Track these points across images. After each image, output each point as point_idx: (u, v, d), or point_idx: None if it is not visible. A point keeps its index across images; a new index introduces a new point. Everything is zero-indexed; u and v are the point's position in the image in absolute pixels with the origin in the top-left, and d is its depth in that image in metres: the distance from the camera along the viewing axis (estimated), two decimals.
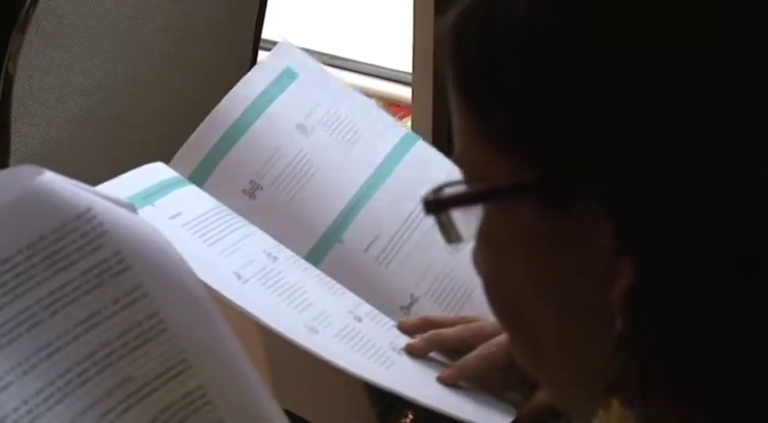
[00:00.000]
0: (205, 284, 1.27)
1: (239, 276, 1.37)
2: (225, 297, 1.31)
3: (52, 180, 1.14)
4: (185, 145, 1.50)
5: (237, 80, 1.56)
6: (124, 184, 1.39)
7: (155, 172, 1.44)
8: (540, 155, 0.80)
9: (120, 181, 1.40)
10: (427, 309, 1.49)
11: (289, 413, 1.35)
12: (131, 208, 1.19)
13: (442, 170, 1.50)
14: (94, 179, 1.27)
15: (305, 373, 1.46)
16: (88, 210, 1.15)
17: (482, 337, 1.44)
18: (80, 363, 1.12)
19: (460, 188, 0.85)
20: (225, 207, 1.47)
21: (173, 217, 1.40)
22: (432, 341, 1.45)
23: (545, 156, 0.79)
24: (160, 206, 1.40)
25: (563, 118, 0.78)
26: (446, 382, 1.42)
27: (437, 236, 0.87)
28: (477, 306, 1.49)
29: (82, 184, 1.16)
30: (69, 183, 1.15)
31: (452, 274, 1.51)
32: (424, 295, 1.50)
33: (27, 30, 1.98)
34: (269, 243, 1.46)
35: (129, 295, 1.15)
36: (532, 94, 0.79)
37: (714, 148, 0.75)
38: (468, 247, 0.88)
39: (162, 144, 1.45)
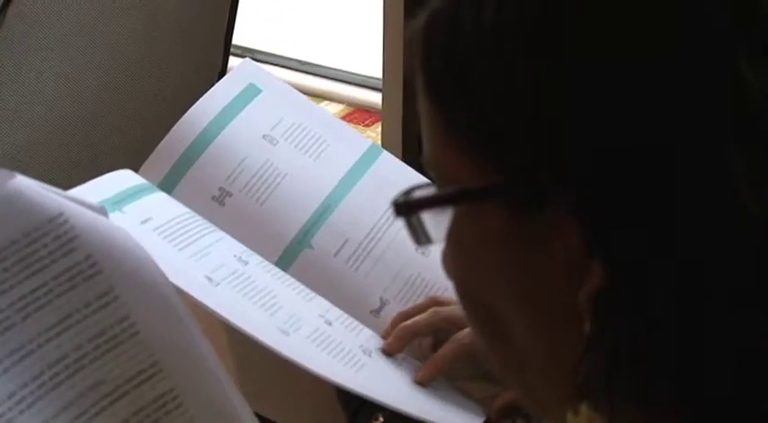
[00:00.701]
0: (177, 288, 1.28)
1: (210, 280, 1.37)
2: (197, 300, 1.31)
3: (23, 184, 1.14)
4: (152, 154, 1.50)
5: (208, 86, 1.56)
6: (93, 190, 1.38)
7: (123, 179, 1.43)
8: (508, 158, 0.80)
9: (89, 186, 1.39)
10: (397, 311, 1.49)
11: (259, 416, 1.36)
12: (103, 212, 1.19)
13: (406, 179, 1.51)
14: (65, 184, 1.27)
15: (276, 376, 1.46)
16: (60, 214, 1.15)
17: (453, 322, 1.45)
18: (52, 366, 1.12)
19: (430, 191, 0.85)
20: (194, 213, 1.47)
21: (143, 222, 1.39)
22: (403, 336, 1.46)
23: (513, 159, 0.79)
24: (129, 211, 1.39)
25: (529, 122, 0.78)
26: (423, 381, 1.43)
27: (406, 239, 0.87)
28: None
29: (53, 189, 1.16)
30: (41, 187, 1.15)
31: (422, 277, 1.51)
32: (393, 298, 1.50)
33: None
34: (239, 248, 1.46)
35: (101, 299, 1.15)
36: (499, 98, 0.79)
37: (681, 150, 0.75)
38: (436, 249, 0.88)
39: (134, 149, 1.46)
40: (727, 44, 0.75)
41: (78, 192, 1.34)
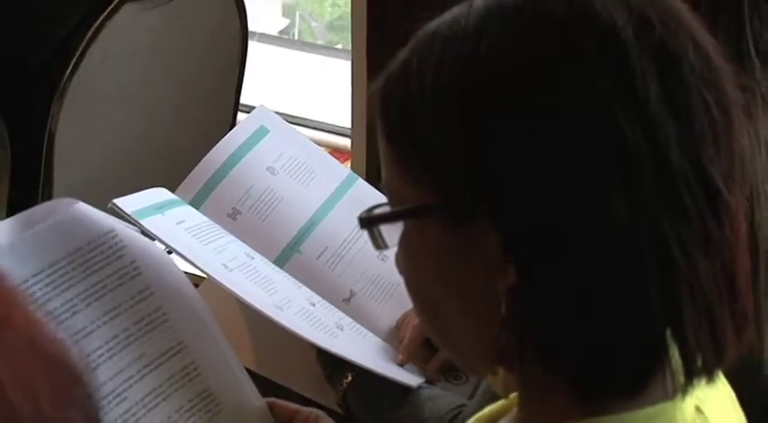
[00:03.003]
0: (203, 271, 1.31)
1: (227, 267, 1.37)
2: (217, 281, 1.31)
3: (84, 207, 1.15)
4: (185, 181, 1.51)
5: (221, 135, 1.57)
6: (141, 198, 1.39)
7: (161, 193, 1.44)
8: (443, 186, 0.80)
9: (139, 195, 1.39)
10: (362, 300, 1.49)
11: (259, 376, 1.35)
12: (141, 232, 1.22)
13: (375, 200, 1.51)
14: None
15: (273, 342, 1.46)
16: (111, 230, 1.15)
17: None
18: (108, 342, 1.12)
19: (386, 209, 0.85)
20: (214, 223, 1.47)
21: (178, 223, 1.40)
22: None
23: (447, 187, 0.79)
24: (168, 215, 1.39)
25: (458, 160, 0.78)
26: (404, 362, 1.43)
27: (371, 248, 0.87)
28: (398, 298, 1.49)
29: (106, 214, 1.17)
30: (96, 210, 1.16)
31: (381, 276, 1.52)
32: (360, 291, 1.50)
33: (65, 98, 1.97)
34: (247, 248, 1.46)
35: (141, 293, 1.16)
36: (436, 142, 0.79)
37: (567, 185, 0.75)
38: (392, 255, 0.88)
39: (164, 181, 1.45)
40: (607, 104, 0.75)
41: (132, 199, 1.35)
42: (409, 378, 1.39)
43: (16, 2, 1.98)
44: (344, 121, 2.60)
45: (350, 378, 1.39)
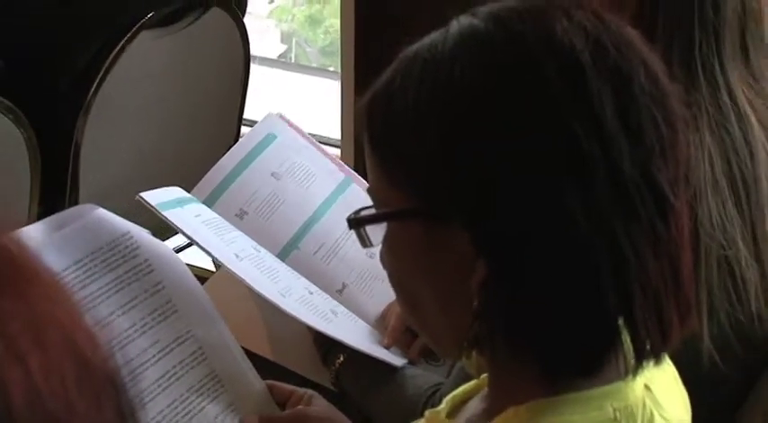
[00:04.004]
0: (217, 258, 1.31)
1: (237, 256, 1.36)
2: (229, 268, 1.30)
3: (104, 213, 1.16)
4: (199, 183, 1.49)
5: (227, 146, 1.56)
6: (164, 193, 1.38)
7: (176, 191, 1.42)
8: (422, 192, 0.79)
9: (160, 191, 1.38)
10: (353, 291, 1.49)
11: (260, 360, 1.35)
12: (153, 235, 1.21)
13: (366, 203, 1.51)
14: (133, 213, 1.27)
15: (276, 328, 1.45)
16: (127, 232, 1.16)
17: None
18: (126, 330, 1.12)
19: (371, 212, 0.85)
20: (225, 221, 1.46)
21: (196, 216, 1.38)
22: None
23: (425, 192, 0.79)
24: (187, 209, 1.38)
25: (436, 169, 0.78)
26: (389, 345, 1.42)
27: (360, 246, 0.88)
28: (383, 290, 1.49)
29: (122, 219, 1.18)
30: (114, 215, 1.17)
31: (369, 271, 1.51)
32: (351, 284, 1.50)
33: (89, 114, 1.96)
34: (254, 243, 1.45)
35: (154, 287, 1.17)
36: (416, 153, 0.79)
37: (529, 192, 0.75)
38: (378, 250, 0.87)
39: (178, 186, 1.45)
40: (568, 122, 0.74)
41: (156, 193, 1.34)
42: (394, 359, 1.39)
43: (47, 32, 1.97)
44: (335, 133, 2.59)
45: (342, 358, 1.39)
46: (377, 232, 0.85)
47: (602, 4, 1.10)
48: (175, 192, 1.41)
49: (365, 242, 0.85)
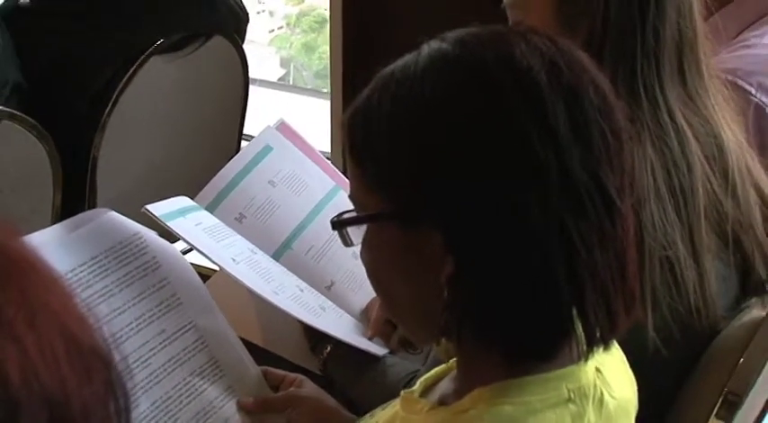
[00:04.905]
0: (215, 263, 1.29)
1: (234, 260, 1.35)
2: (227, 271, 1.29)
3: (116, 215, 1.16)
4: (203, 191, 1.48)
5: (228, 158, 1.55)
6: (168, 204, 1.37)
7: (184, 201, 1.42)
8: (397, 196, 0.79)
9: (166, 202, 1.38)
10: (340, 288, 1.48)
11: (256, 348, 1.34)
12: (161, 235, 1.21)
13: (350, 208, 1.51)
14: (144, 216, 1.28)
15: (271, 320, 1.45)
16: (137, 232, 1.16)
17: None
18: (137, 319, 1.12)
19: (352, 215, 0.84)
20: (225, 225, 1.46)
21: (197, 224, 1.37)
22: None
23: (400, 197, 0.79)
24: (189, 218, 1.37)
25: (409, 176, 0.78)
26: (372, 336, 1.41)
27: (346, 247, 0.87)
28: (367, 288, 1.48)
29: (132, 221, 1.18)
30: (125, 217, 1.17)
31: (354, 270, 1.50)
32: (338, 281, 1.49)
33: (105, 130, 1.96)
34: (251, 245, 1.44)
35: (160, 282, 1.16)
36: (392, 162, 0.79)
37: (488, 200, 0.75)
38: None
39: (184, 193, 1.44)
40: (525, 133, 0.75)
41: (160, 205, 1.34)
42: (376, 349, 1.38)
43: (68, 58, 1.97)
44: (326, 146, 2.59)
45: (329, 348, 1.38)
46: (357, 233, 0.84)
47: (556, 31, 1.11)
48: (179, 202, 1.41)
49: (346, 242, 0.85)
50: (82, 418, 0.45)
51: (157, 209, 1.32)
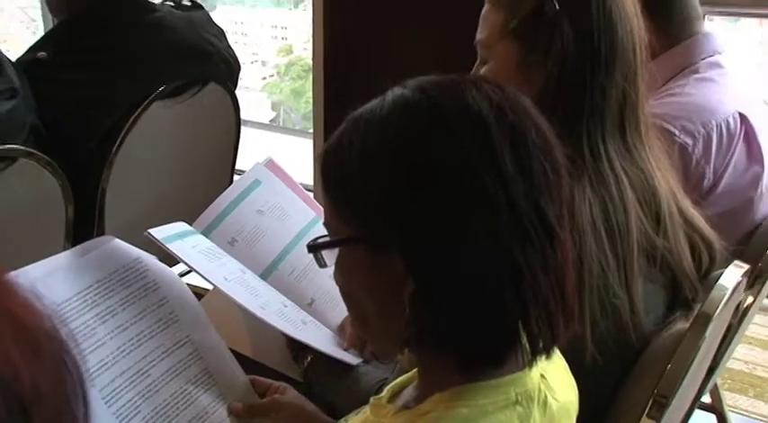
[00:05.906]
0: (208, 281, 1.28)
1: (226, 279, 1.34)
2: (219, 289, 1.29)
3: (120, 242, 1.15)
4: (199, 218, 1.48)
5: (222, 190, 1.55)
6: (168, 229, 1.37)
7: (182, 226, 1.41)
8: (366, 224, 0.79)
9: (168, 226, 1.37)
10: (319, 305, 1.48)
11: (246, 359, 1.34)
12: (160, 260, 1.19)
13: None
14: (149, 241, 1.27)
15: (258, 331, 1.44)
16: (138, 257, 1.15)
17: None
18: (138, 334, 1.11)
19: (326, 239, 0.84)
20: (218, 247, 1.45)
21: (193, 247, 1.37)
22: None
23: (368, 225, 0.79)
24: (186, 241, 1.37)
25: (374, 207, 0.78)
26: (348, 348, 1.40)
27: (325, 269, 0.87)
28: (341, 304, 1.48)
29: (134, 247, 1.17)
30: (128, 244, 1.16)
31: (331, 290, 1.50)
32: (318, 299, 1.49)
33: (113, 167, 1.95)
34: (241, 266, 1.44)
35: (159, 302, 1.15)
36: (360, 196, 0.79)
37: (446, 227, 0.75)
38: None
39: (184, 220, 1.44)
40: (475, 169, 0.75)
41: (161, 229, 1.33)
42: (351, 358, 1.38)
43: (80, 103, 1.97)
44: (310, 180, 2.60)
45: (309, 358, 1.38)
46: (330, 256, 0.84)
47: (515, 77, 1.12)
48: (179, 226, 1.40)
49: (321, 263, 0.85)
50: (34, 394, 0.43)
51: (159, 233, 1.32)
